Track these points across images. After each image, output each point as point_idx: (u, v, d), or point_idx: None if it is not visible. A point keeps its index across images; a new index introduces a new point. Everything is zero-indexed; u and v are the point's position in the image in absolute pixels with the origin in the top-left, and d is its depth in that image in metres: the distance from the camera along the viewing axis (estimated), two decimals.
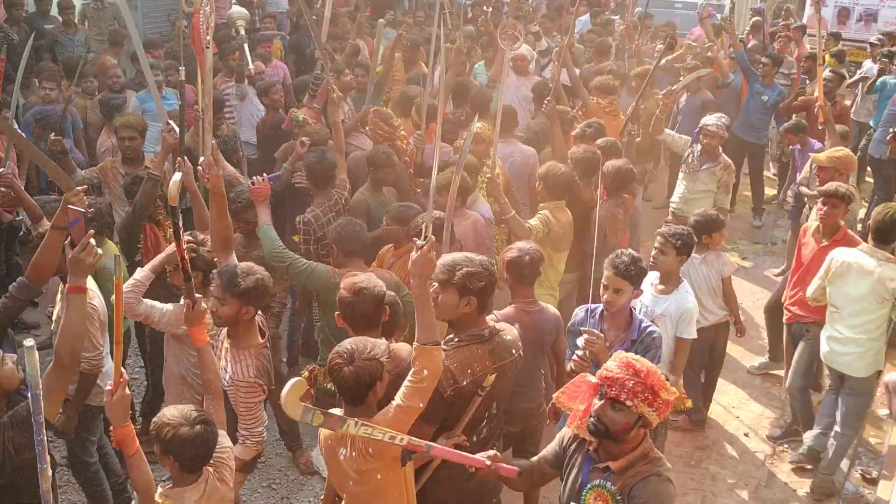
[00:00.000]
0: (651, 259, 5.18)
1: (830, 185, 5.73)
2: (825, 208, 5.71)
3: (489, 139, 6.36)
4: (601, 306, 4.41)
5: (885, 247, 5.35)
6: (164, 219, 5.62)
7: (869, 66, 11.61)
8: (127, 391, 3.17)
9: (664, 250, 5.14)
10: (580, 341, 4.13)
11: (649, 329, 4.37)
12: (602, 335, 4.16)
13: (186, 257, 3.67)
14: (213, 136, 4.81)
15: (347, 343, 3.30)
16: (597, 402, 3.09)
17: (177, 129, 5.31)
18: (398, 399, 3.23)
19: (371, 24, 13.10)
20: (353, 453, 3.28)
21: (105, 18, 11.23)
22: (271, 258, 4.92)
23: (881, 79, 10.32)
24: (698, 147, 7.37)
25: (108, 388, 3.15)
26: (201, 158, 4.49)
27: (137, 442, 3.20)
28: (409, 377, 3.23)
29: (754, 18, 14.01)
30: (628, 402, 2.99)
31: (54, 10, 10.73)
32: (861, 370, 5.40)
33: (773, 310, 6.83)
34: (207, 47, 4.61)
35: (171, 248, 4.34)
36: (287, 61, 10.81)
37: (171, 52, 9.66)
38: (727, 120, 7.50)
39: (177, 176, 3.63)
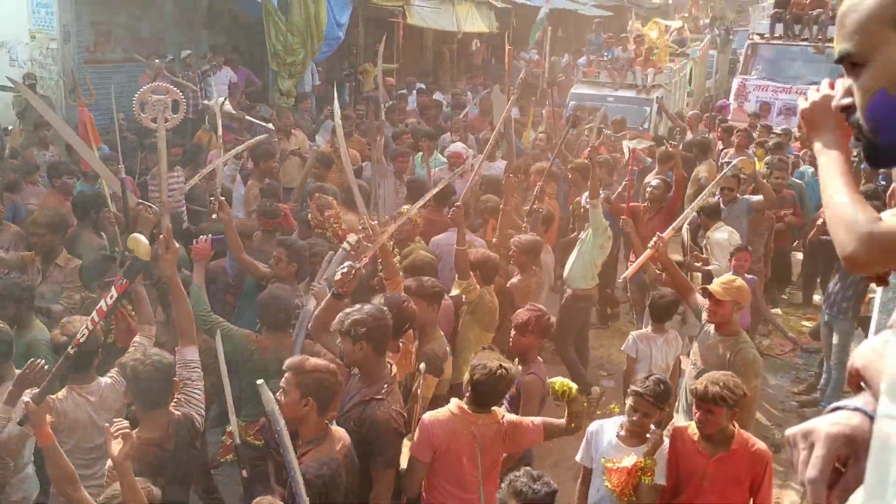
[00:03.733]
0: (630, 423, 4.45)
1: (701, 385, 4.21)
2: (699, 413, 4.26)
3: (416, 223, 6.79)
4: None
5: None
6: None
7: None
8: None
9: (649, 413, 4.38)
10: None
11: None
12: None
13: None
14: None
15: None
16: None
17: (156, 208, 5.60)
18: None
19: (313, 117, 13.39)
20: None
21: (35, 111, 11.20)
22: (196, 319, 4.85)
23: (801, 169, 10.83)
24: None
25: None
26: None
27: None
28: None
29: (692, 112, 14.66)
30: None
31: None
32: None
33: None
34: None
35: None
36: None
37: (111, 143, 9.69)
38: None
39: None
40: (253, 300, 5.67)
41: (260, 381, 3.32)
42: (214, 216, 6.44)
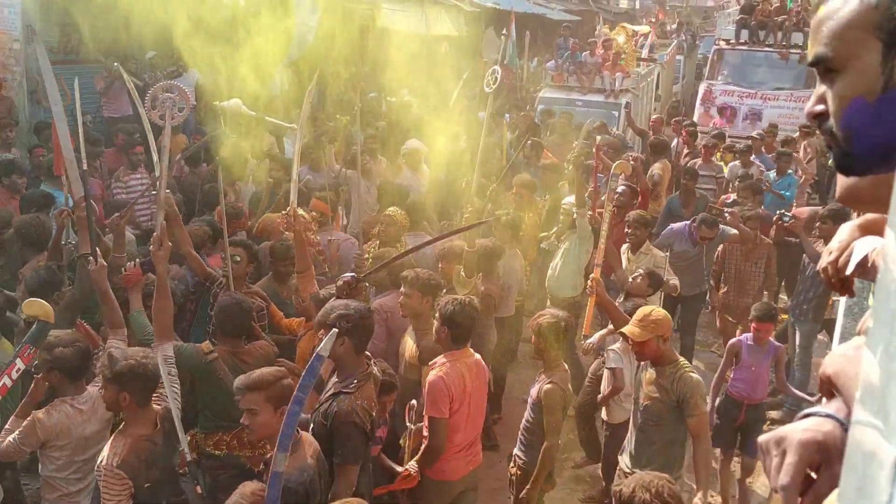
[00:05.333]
0: None
1: (628, 489, 3.35)
2: None
3: (400, 223, 6.82)
4: None
5: None
6: None
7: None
8: None
9: None
10: None
11: None
12: None
13: None
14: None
15: None
16: None
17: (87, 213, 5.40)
18: None
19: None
20: None
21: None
22: (140, 344, 4.84)
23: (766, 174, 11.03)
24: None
25: None
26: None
27: None
28: None
29: (656, 116, 14.83)
30: None
31: None
32: None
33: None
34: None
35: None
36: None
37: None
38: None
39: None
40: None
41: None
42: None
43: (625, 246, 7.50)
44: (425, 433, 4.60)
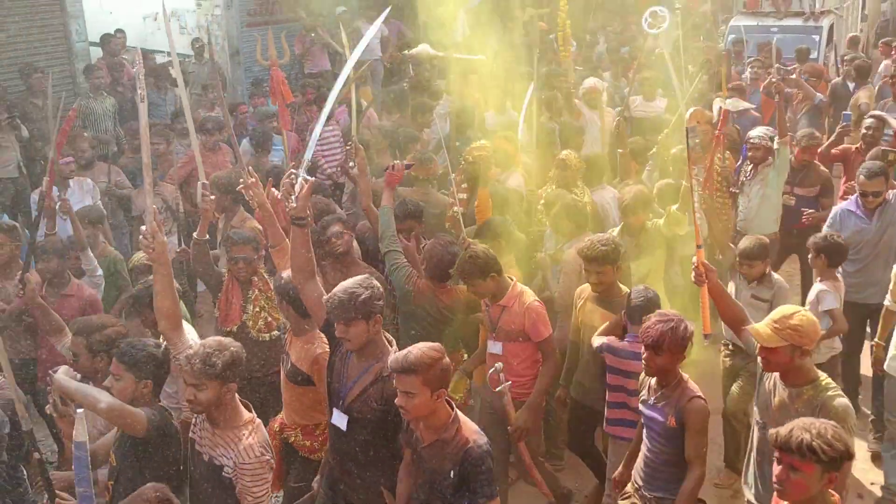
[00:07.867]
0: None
1: (785, 430, 2.95)
2: (779, 469, 2.99)
3: (575, 166, 6.70)
4: None
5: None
6: (257, 281, 5.45)
7: None
8: None
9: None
10: None
11: None
12: None
13: None
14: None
15: None
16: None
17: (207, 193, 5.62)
18: None
19: None
20: None
21: (202, 75, 11.81)
22: (380, 238, 5.40)
23: None
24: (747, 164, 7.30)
25: None
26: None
27: None
28: None
29: (850, 35, 13.76)
30: None
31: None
32: None
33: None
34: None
35: None
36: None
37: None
38: (770, 131, 7.26)
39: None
40: None
41: (80, 411, 3.10)
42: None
43: None
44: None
